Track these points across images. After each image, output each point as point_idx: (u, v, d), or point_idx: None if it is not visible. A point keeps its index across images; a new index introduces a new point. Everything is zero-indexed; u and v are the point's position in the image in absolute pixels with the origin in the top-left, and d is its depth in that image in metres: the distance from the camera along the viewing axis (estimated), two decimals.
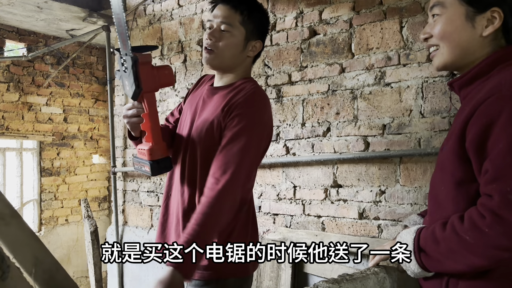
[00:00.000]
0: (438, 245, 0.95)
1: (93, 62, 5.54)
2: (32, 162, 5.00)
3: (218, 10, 1.47)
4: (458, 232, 0.91)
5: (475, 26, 1.01)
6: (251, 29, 1.49)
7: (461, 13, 1.02)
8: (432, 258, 0.97)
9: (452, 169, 0.98)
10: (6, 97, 4.67)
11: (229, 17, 1.45)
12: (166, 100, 3.15)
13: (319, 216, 2.36)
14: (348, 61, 2.29)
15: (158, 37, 3.21)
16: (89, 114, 5.51)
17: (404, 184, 2.09)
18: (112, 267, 3.41)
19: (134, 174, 3.36)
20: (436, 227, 0.97)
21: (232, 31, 1.46)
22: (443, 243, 0.93)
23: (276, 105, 2.54)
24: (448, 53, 1.04)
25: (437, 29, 1.05)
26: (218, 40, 1.46)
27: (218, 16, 1.46)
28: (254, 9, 1.50)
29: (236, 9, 1.45)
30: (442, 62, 1.06)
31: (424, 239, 0.99)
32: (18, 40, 4.74)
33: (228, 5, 1.45)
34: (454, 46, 1.03)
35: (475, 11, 1.01)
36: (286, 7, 2.51)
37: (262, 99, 1.48)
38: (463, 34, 1.02)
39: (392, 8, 2.14)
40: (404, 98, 2.10)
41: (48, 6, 3.79)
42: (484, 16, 1.00)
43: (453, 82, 1.07)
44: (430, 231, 0.98)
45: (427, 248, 0.97)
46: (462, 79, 1.04)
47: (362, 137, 2.23)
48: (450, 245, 0.92)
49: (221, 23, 1.45)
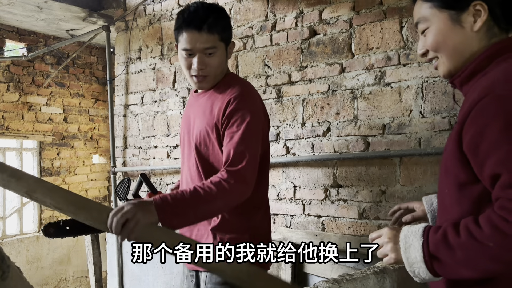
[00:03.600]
0: (453, 252, 0.89)
1: (93, 62, 5.53)
2: (32, 162, 5.00)
3: (194, 38, 1.45)
4: (478, 239, 0.86)
5: (463, 26, 1.00)
6: (227, 37, 1.53)
7: (445, 19, 1.02)
8: (447, 266, 0.91)
9: (454, 171, 0.97)
10: (6, 97, 4.66)
11: (209, 42, 1.46)
12: (166, 100, 3.15)
13: (319, 216, 2.36)
14: (348, 61, 2.29)
15: (158, 37, 3.21)
16: (89, 114, 5.51)
17: (404, 184, 2.09)
18: (112, 267, 3.41)
19: (134, 174, 3.36)
20: (448, 231, 0.91)
21: (216, 51, 1.48)
22: (460, 251, 0.88)
23: (276, 105, 2.54)
24: (448, 60, 1.04)
25: (429, 42, 1.05)
26: (207, 66, 1.49)
27: (197, 43, 1.45)
28: (222, 18, 1.51)
29: (213, 31, 1.46)
30: (447, 70, 1.06)
31: (435, 245, 0.92)
32: (18, 40, 4.73)
33: (204, 31, 1.45)
34: (451, 52, 1.03)
35: (457, 12, 1.00)
36: (286, 7, 2.51)
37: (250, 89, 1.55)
38: (455, 38, 1.01)
39: (392, 8, 2.14)
40: (404, 98, 2.10)
41: (48, 6, 3.79)
42: (468, 13, 0.99)
43: (454, 80, 1.06)
44: (441, 236, 0.92)
45: (440, 255, 0.91)
46: (461, 76, 1.03)
47: (362, 137, 2.23)
48: (469, 252, 0.87)
49: (204, 50, 1.46)
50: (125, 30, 3.45)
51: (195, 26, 1.44)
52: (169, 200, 1.28)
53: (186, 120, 1.67)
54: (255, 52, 2.64)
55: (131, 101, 3.41)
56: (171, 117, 3.11)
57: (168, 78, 3.15)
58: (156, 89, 3.22)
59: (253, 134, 1.44)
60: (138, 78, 3.35)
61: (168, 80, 3.15)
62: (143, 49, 3.32)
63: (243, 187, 1.39)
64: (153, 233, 1.24)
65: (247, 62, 2.68)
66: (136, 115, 3.37)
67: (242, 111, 1.44)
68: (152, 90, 3.25)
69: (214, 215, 1.46)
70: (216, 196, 1.33)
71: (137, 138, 3.36)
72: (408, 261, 0.95)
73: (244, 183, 1.39)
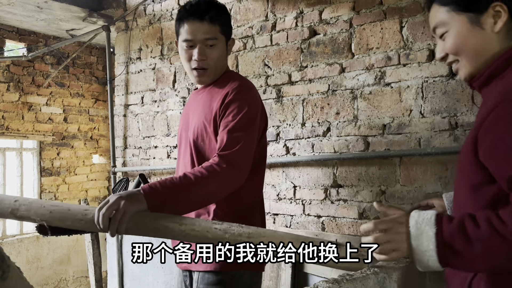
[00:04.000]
0: (471, 244, 0.86)
1: (93, 62, 5.54)
2: (32, 162, 5.00)
3: (196, 28, 1.45)
4: (500, 232, 0.84)
5: (483, 28, 1.00)
6: (227, 32, 1.53)
7: (464, 22, 1.01)
8: (461, 258, 0.88)
9: (468, 172, 0.97)
10: (6, 97, 4.67)
11: (211, 32, 1.46)
12: (166, 100, 3.15)
13: (319, 216, 2.36)
14: (348, 61, 2.29)
15: (158, 37, 3.21)
16: (89, 114, 5.51)
17: (404, 184, 2.09)
18: (112, 267, 3.41)
19: (134, 174, 3.36)
20: (465, 223, 0.88)
21: (217, 43, 1.48)
22: (479, 243, 0.85)
23: (276, 105, 2.54)
24: (469, 63, 1.04)
25: (448, 45, 1.05)
26: (208, 58, 1.48)
27: (199, 33, 1.45)
28: (224, 13, 1.52)
29: (215, 22, 1.46)
30: (468, 73, 1.05)
31: (451, 235, 0.88)
32: (18, 40, 4.74)
33: (205, 21, 1.45)
34: (472, 54, 1.03)
35: (476, 14, 1.00)
36: (286, 7, 2.51)
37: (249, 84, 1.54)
38: (476, 40, 1.01)
39: (392, 8, 2.14)
40: (404, 98, 2.10)
41: (48, 6, 3.79)
42: (488, 14, 0.99)
43: (472, 83, 1.06)
44: (458, 226, 0.88)
45: (456, 246, 0.88)
46: (480, 79, 1.03)
47: (362, 137, 2.23)
48: (489, 246, 0.85)
49: (205, 40, 1.46)
50: (125, 30, 3.45)
51: (197, 16, 1.45)
52: (158, 187, 1.23)
53: (184, 118, 1.65)
54: (255, 52, 2.64)
55: (131, 101, 3.41)
56: (171, 117, 3.11)
57: (168, 78, 3.15)
58: (156, 89, 3.22)
59: (249, 124, 1.41)
60: (138, 78, 3.35)
61: (168, 80, 3.15)
62: (143, 49, 3.32)
63: (236, 172, 1.34)
64: (145, 221, 1.19)
65: (247, 62, 2.68)
66: (136, 115, 3.37)
67: (239, 102, 1.42)
68: (152, 90, 3.25)
69: (206, 202, 1.40)
70: (208, 181, 1.28)
71: (137, 138, 3.36)
72: (419, 248, 0.90)
73: (237, 168, 1.34)
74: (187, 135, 1.57)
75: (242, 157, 1.36)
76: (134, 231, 1.23)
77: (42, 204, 1.28)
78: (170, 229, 1.16)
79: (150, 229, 1.20)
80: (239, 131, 1.37)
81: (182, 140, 1.61)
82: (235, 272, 1.42)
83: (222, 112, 1.43)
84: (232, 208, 1.45)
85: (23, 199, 1.34)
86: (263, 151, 1.57)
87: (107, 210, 1.17)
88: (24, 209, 1.29)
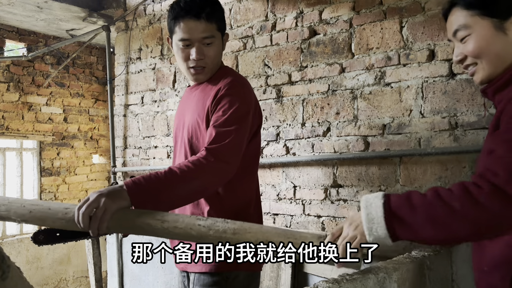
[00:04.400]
0: (415, 212, 0.90)
1: (93, 62, 5.54)
2: (32, 162, 5.00)
3: (193, 27, 1.42)
4: (444, 199, 0.88)
5: (506, 33, 1.04)
6: (224, 28, 1.51)
7: (488, 26, 1.04)
8: (406, 225, 0.92)
9: None
10: (6, 97, 4.67)
11: (208, 31, 1.43)
12: (166, 100, 3.15)
13: (319, 216, 2.36)
14: (348, 61, 2.29)
15: (158, 37, 3.21)
16: (89, 114, 5.51)
17: (404, 184, 2.09)
18: (112, 267, 3.41)
19: (134, 174, 3.36)
20: (411, 194, 0.94)
21: (214, 41, 1.45)
22: (422, 209, 0.90)
23: (276, 105, 2.54)
24: (489, 66, 1.06)
25: (471, 48, 1.07)
26: (206, 56, 1.45)
27: (196, 33, 1.42)
28: (218, 8, 1.48)
29: (212, 20, 1.43)
30: (486, 76, 1.08)
31: (397, 205, 0.93)
32: (18, 40, 4.74)
33: (203, 19, 1.41)
34: (493, 58, 1.05)
35: (500, 20, 1.03)
36: (286, 7, 2.51)
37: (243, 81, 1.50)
38: (499, 44, 1.04)
39: (392, 8, 2.14)
40: (404, 98, 2.10)
41: (48, 6, 3.79)
42: (511, 21, 1.03)
43: (487, 88, 1.09)
44: (405, 197, 0.94)
45: (400, 213, 0.92)
46: (497, 83, 1.06)
47: (362, 137, 2.23)
48: (431, 211, 0.89)
49: (203, 39, 1.43)
50: (125, 30, 3.45)
51: (194, 15, 1.40)
52: (142, 181, 1.18)
53: (179, 116, 1.62)
54: (255, 52, 2.64)
55: (131, 101, 3.41)
56: (171, 117, 3.11)
57: (168, 78, 3.15)
58: (156, 89, 3.22)
59: (240, 120, 1.37)
60: (138, 78, 3.35)
61: (168, 80, 3.15)
62: (143, 49, 3.32)
63: (223, 166, 1.29)
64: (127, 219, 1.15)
65: (247, 62, 2.68)
66: (136, 115, 3.37)
67: (230, 97, 1.38)
68: (152, 90, 3.25)
69: (194, 197, 1.34)
70: (194, 175, 1.23)
71: (137, 138, 3.36)
72: (368, 217, 0.95)
73: (224, 161, 1.29)
74: (182, 134, 1.54)
75: (231, 151, 1.31)
76: (116, 229, 1.19)
77: (22, 204, 1.24)
78: (153, 227, 1.12)
79: (131, 227, 1.16)
80: (228, 125, 1.33)
81: (178, 139, 1.58)
82: (230, 273, 1.40)
83: (213, 107, 1.40)
84: (225, 210, 1.41)
85: (2, 199, 1.29)
86: (256, 150, 1.53)
87: (87, 208, 1.13)
88: (3, 209, 1.24)
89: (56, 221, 1.19)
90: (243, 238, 1.04)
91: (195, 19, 1.41)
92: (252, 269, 1.45)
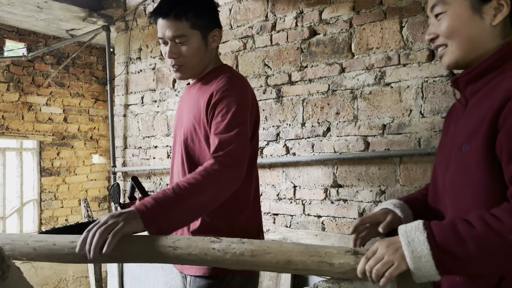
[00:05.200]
0: (466, 245, 0.82)
1: (93, 62, 5.54)
2: (32, 162, 5.00)
3: (164, 26, 1.40)
4: (496, 230, 0.80)
5: (483, 17, 0.97)
6: (204, 25, 1.44)
7: (466, 6, 0.98)
8: (459, 260, 0.83)
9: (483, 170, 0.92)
10: (6, 97, 4.67)
11: (178, 30, 1.40)
12: (166, 100, 3.15)
13: (319, 216, 2.36)
14: (348, 61, 2.29)
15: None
16: (89, 114, 5.51)
17: (404, 184, 2.09)
18: (112, 267, 3.41)
19: (134, 174, 3.37)
20: (457, 223, 0.85)
21: (188, 40, 1.41)
22: (474, 243, 0.81)
23: (276, 105, 2.54)
24: (459, 50, 1.00)
25: (444, 27, 1.01)
26: (180, 55, 1.43)
27: (166, 31, 1.40)
28: (195, 5, 1.42)
29: (181, 18, 1.39)
30: (453, 60, 1.02)
31: (443, 237, 0.84)
32: (18, 40, 4.74)
33: (170, 18, 1.39)
34: (464, 41, 0.99)
35: (480, 1, 0.97)
36: (286, 7, 2.51)
37: (238, 79, 1.47)
38: (473, 27, 0.98)
39: (392, 8, 2.14)
40: (404, 98, 2.10)
41: (48, 6, 3.79)
42: (491, 5, 0.97)
43: (459, 78, 1.02)
44: (450, 228, 0.85)
45: (450, 248, 0.83)
46: (471, 73, 0.99)
47: (362, 137, 2.23)
48: (485, 245, 0.81)
49: (173, 38, 1.41)
50: (125, 30, 3.45)
51: (162, 14, 1.39)
52: (152, 202, 1.13)
53: (178, 115, 1.60)
54: (255, 52, 2.64)
55: (131, 101, 3.41)
56: (171, 117, 3.11)
57: (168, 78, 3.15)
58: (156, 89, 3.22)
59: (240, 122, 1.34)
60: (138, 78, 3.35)
61: (168, 80, 3.15)
62: (143, 49, 3.32)
63: (233, 171, 1.27)
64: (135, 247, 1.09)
65: (247, 62, 2.68)
66: (136, 115, 3.37)
67: (227, 100, 1.35)
68: (152, 90, 3.25)
69: (207, 209, 1.29)
70: (204, 186, 1.21)
71: (137, 138, 3.36)
72: (413, 255, 0.84)
73: (233, 166, 1.27)
74: (180, 135, 1.52)
75: (236, 156, 1.29)
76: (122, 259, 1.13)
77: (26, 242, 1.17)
78: (165, 256, 1.06)
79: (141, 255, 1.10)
80: (230, 131, 1.31)
81: (177, 139, 1.56)
82: (226, 275, 1.38)
83: (210, 112, 1.38)
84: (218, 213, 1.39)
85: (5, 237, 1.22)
86: (253, 152, 1.50)
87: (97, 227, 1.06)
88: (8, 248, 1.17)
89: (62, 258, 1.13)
90: (262, 260, 0.98)
91: (163, 18, 1.40)
92: (249, 274, 1.42)
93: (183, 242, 1.06)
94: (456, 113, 1.10)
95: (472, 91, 1.01)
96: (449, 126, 1.12)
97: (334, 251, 0.95)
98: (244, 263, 1.00)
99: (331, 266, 0.94)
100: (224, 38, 2.78)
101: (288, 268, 0.98)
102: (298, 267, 0.96)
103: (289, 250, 0.98)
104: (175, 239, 1.07)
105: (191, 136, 1.45)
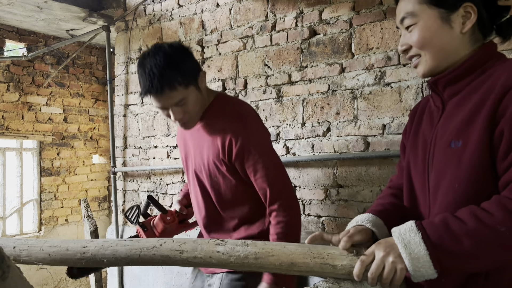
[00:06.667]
0: (460, 242, 0.83)
1: (93, 62, 5.54)
2: (32, 162, 5.00)
3: (161, 99, 1.45)
4: (488, 224, 0.81)
5: (452, 26, 1.00)
6: (193, 76, 1.50)
7: (435, 17, 1.00)
8: (455, 257, 0.84)
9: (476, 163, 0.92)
10: (6, 97, 4.67)
11: (176, 97, 1.46)
12: None
13: (319, 216, 2.36)
14: (348, 61, 2.29)
15: (158, 37, 3.21)
16: (89, 114, 5.51)
17: None
18: (112, 267, 3.41)
19: (134, 174, 3.37)
20: (449, 221, 0.86)
21: (187, 99, 1.48)
22: (468, 239, 0.82)
23: (276, 105, 2.54)
24: (432, 59, 1.03)
25: (415, 38, 1.03)
26: (184, 113, 1.50)
27: (167, 102, 1.45)
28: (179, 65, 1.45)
29: (175, 87, 1.44)
30: (428, 69, 1.04)
31: (437, 236, 0.85)
32: (18, 40, 4.74)
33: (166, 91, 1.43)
34: (436, 51, 1.02)
35: (447, 11, 1.00)
36: (286, 7, 2.51)
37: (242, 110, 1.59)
38: (443, 37, 1.00)
39: (392, 8, 2.13)
40: (404, 98, 2.10)
41: (48, 6, 3.79)
42: (458, 13, 0.99)
43: (439, 79, 1.04)
44: (442, 226, 0.86)
45: (445, 246, 0.84)
46: (451, 75, 1.01)
47: (362, 137, 2.23)
48: (479, 240, 0.82)
49: (174, 104, 1.47)
50: (125, 30, 3.45)
51: (156, 92, 1.43)
52: None
53: (183, 143, 1.74)
54: (255, 52, 2.64)
55: (131, 101, 3.41)
56: None
57: None
58: None
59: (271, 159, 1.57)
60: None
61: None
62: (143, 49, 3.32)
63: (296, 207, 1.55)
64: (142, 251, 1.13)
65: (247, 62, 2.68)
66: (136, 115, 3.37)
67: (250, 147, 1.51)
68: None
69: None
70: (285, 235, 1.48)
71: (137, 138, 3.36)
72: (411, 256, 0.86)
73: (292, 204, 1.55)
74: (193, 165, 1.66)
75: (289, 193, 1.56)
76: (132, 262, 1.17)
77: (41, 247, 1.24)
78: (171, 258, 1.11)
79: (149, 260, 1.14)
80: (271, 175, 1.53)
81: (189, 168, 1.71)
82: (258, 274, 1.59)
83: (236, 160, 1.52)
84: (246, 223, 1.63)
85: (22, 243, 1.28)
86: None
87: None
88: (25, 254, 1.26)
89: (76, 262, 1.21)
90: (266, 262, 1.01)
91: (159, 95, 1.44)
92: None
93: (189, 246, 1.10)
94: (428, 114, 1.12)
95: (451, 92, 1.03)
96: (419, 126, 1.14)
97: (337, 253, 0.97)
98: (248, 265, 1.02)
99: (333, 268, 0.95)
100: (224, 38, 2.78)
101: (292, 270, 0.99)
102: (301, 269, 0.98)
103: (292, 252, 0.99)
104: (181, 243, 1.11)
105: (214, 173, 1.60)
